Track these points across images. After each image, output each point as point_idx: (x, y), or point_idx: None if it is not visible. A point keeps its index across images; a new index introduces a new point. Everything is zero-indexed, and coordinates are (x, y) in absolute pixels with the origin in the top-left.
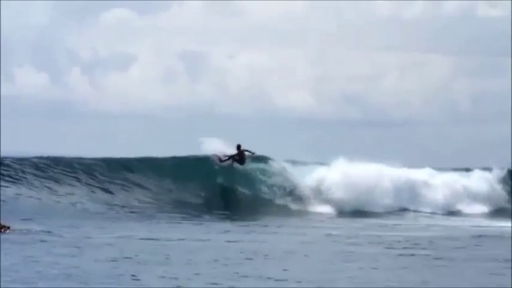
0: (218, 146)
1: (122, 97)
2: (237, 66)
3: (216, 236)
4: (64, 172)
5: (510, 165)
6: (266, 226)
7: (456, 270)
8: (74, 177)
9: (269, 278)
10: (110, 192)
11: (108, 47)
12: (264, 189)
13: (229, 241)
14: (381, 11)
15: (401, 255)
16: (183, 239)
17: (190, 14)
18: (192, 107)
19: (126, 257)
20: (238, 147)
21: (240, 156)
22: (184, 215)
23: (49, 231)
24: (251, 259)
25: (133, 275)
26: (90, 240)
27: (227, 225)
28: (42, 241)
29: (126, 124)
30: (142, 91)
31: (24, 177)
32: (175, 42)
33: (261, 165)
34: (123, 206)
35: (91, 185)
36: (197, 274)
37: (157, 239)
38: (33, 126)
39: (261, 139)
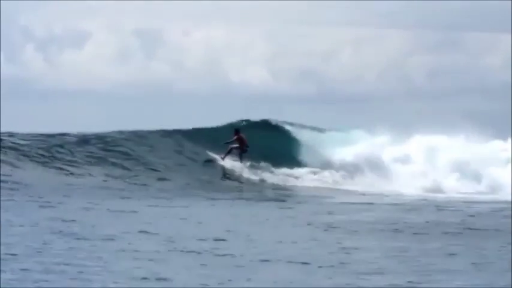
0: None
1: (78, 74)
2: (193, 43)
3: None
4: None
5: None
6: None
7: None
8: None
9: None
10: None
11: (62, 24)
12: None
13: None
14: None
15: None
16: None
17: None
18: (149, 84)
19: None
20: (237, 131)
21: (241, 142)
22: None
23: None
24: None
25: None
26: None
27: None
28: None
29: (82, 101)
30: (98, 68)
31: None
32: (129, 19)
33: None
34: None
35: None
36: None
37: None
38: None
39: (217, 116)
